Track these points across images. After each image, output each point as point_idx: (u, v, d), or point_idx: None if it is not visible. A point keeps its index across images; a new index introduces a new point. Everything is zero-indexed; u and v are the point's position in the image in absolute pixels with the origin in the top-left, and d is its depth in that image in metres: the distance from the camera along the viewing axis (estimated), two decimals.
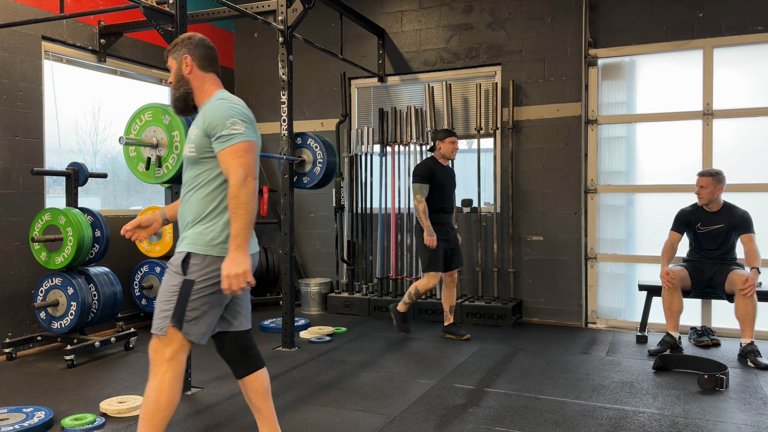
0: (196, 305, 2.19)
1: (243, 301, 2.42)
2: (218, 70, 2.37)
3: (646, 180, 5.27)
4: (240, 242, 2.10)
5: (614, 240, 5.35)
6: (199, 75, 2.31)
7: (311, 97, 6.40)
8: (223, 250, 2.17)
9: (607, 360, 4.18)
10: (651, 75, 5.24)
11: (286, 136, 4.47)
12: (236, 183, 2.09)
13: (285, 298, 4.49)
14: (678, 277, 4.30)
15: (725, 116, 4.94)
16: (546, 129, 5.45)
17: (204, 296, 2.19)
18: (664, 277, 4.29)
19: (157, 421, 2.18)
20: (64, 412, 3.12)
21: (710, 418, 3.04)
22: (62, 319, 4.18)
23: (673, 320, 4.31)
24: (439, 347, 4.52)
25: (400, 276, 5.92)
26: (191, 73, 2.31)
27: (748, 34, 4.82)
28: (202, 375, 3.81)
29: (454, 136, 4.73)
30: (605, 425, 2.96)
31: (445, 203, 4.71)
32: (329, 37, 6.10)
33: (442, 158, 4.75)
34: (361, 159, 6.09)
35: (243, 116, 2.18)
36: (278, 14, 4.43)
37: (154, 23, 3.42)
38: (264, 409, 2.40)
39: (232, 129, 2.13)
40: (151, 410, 2.18)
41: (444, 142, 4.70)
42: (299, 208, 6.38)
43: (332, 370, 3.92)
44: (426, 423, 2.99)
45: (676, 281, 4.28)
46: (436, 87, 5.86)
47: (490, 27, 5.66)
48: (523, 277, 5.56)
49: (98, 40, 5.03)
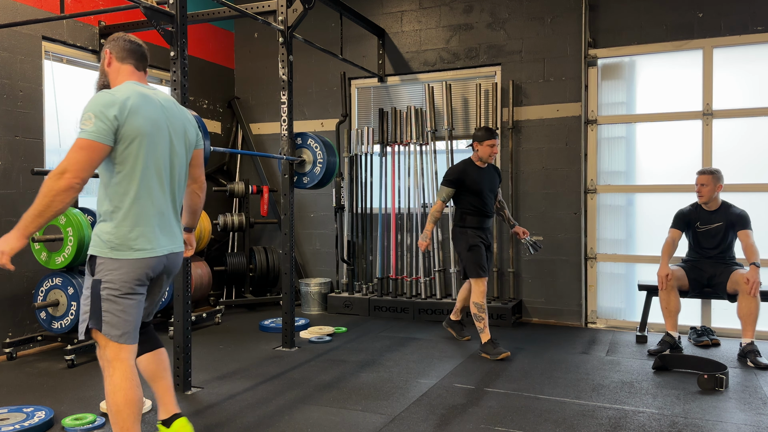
0: (107, 306, 2.17)
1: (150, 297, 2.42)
2: (137, 63, 2.39)
3: (645, 180, 5.27)
4: (21, 225, 2.11)
5: (614, 240, 5.35)
6: (116, 67, 2.37)
7: (311, 97, 6.40)
8: (120, 253, 2.17)
9: (606, 360, 4.18)
10: (651, 75, 5.25)
11: (286, 136, 4.47)
12: (53, 173, 2.07)
13: (285, 298, 4.49)
14: (674, 276, 4.32)
15: (725, 116, 4.94)
16: (546, 129, 5.45)
17: (114, 296, 2.18)
18: (663, 278, 4.29)
19: (123, 420, 2.18)
20: (65, 411, 3.13)
21: (710, 418, 3.05)
22: (62, 319, 4.18)
23: (671, 320, 4.32)
24: (439, 347, 4.53)
25: (400, 276, 5.93)
26: (110, 66, 2.39)
27: (748, 34, 4.82)
28: (202, 375, 3.81)
29: (494, 138, 4.32)
30: (605, 425, 2.96)
31: (483, 207, 4.36)
32: (329, 37, 6.10)
33: (479, 160, 4.39)
34: (361, 159, 6.09)
35: (99, 112, 2.11)
36: (278, 14, 4.43)
37: (154, 23, 3.42)
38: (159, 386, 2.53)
39: (82, 124, 2.12)
40: (113, 413, 2.19)
41: (482, 144, 4.31)
42: (299, 208, 6.38)
43: (332, 370, 3.92)
44: (426, 423, 3.00)
45: (672, 281, 4.29)
46: (436, 87, 5.86)
47: (490, 27, 5.66)
48: (523, 277, 5.56)
49: (98, 40, 5.03)
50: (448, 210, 5.75)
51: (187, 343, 3.46)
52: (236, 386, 3.59)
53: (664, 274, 4.29)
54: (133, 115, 2.17)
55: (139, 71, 2.40)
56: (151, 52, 4.95)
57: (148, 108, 2.24)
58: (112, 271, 2.17)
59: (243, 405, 3.25)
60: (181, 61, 3.43)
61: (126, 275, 2.18)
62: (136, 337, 2.27)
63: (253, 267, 6.10)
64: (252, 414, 3.13)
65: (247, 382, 3.68)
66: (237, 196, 6.17)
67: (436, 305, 5.54)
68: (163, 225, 2.30)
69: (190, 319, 3.55)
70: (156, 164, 2.26)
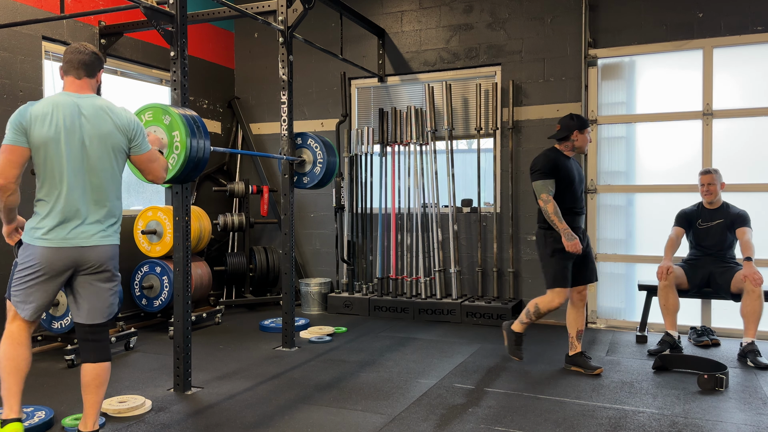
0: (14, 282, 2.58)
1: (84, 298, 2.61)
2: (77, 72, 2.60)
3: (645, 180, 5.27)
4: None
5: (614, 240, 5.35)
6: (64, 81, 2.64)
7: (311, 97, 6.40)
8: (33, 239, 2.51)
9: (606, 360, 4.18)
10: (651, 75, 5.25)
11: (286, 136, 4.47)
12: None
13: (285, 297, 4.49)
14: (673, 275, 4.34)
15: (725, 116, 4.94)
16: (546, 129, 5.44)
17: (19, 276, 2.54)
18: (663, 270, 4.31)
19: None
20: (65, 411, 3.13)
21: (710, 418, 3.05)
22: (62, 319, 4.18)
23: (670, 318, 4.32)
24: (439, 347, 4.52)
25: (400, 276, 5.93)
26: (62, 80, 2.66)
27: (748, 34, 4.82)
28: (202, 375, 3.81)
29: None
30: (605, 425, 2.96)
31: (574, 203, 3.85)
32: (329, 37, 6.10)
33: (570, 150, 3.90)
34: (361, 159, 6.09)
35: (13, 121, 2.47)
36: (278, 14, 4.43)
37: (154, 23, 3.42)
38: (85, 399, 2.60)
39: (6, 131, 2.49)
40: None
41: (583, 132, 3.85)
42: (299, 208, 6.38)
43: (332, 370, 3.92)
44: (426, 423, 3.00)
45: (671, 277, 4.32)
46: (436, 87, 5.86)
47: (490, 27, 5.66)
48: (523, 277, 5.56)
49: (98, 40, 5.03)
50: (447, 210, 5.75)
51: (187, 343, 3.46)
52: (236, 386, 3.59)
53: (666, 267, 4.32)
54: (36, 123, 2.47)
55: (80, 79, 2.62)
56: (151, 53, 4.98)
57: (56, 115, 2.49)
58: (24, 252, 2.55)
59: (243, 405, 3.26)
60: (181, 61, 3.43)
61: (32, 259, 2.51)
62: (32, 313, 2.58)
63: (253, 267, 6.10)
64: (252, 414, 3.13)
65: (247, 382, 3.68)
66: (237, 196, 6.17)
67: (436, 305, 5.54)
68: (71, 220, 2.53)
69: (190, 319, 3.55)
70: (60, 166, 2.51)
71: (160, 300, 4.99)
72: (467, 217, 5.76)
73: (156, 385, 3.61)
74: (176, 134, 3.16)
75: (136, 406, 3.15)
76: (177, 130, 3.16)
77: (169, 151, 3.18)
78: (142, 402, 3.20)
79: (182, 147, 3.13)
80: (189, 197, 3.53)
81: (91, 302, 2.60)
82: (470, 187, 5.80)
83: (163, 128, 3.19)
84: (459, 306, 5.43)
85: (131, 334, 4.48)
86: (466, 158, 5.99)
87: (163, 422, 3.01)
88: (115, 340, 4.32)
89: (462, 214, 5.77)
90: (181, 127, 3.15)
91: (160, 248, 5.02)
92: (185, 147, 3.12)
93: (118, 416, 3.09)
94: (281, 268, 4.62)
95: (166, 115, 3.18)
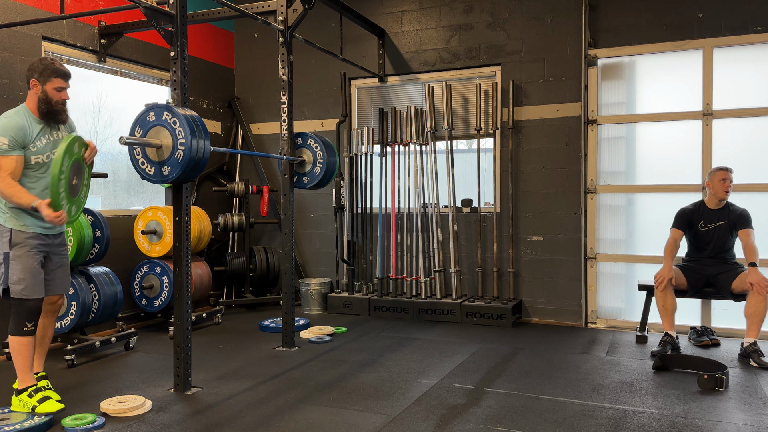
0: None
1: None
2: (30, 86, 3.06)
3: (645, 180, 5.27)
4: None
5: (614, 240, 5.35)
6: None
7: (311, 97, 6.40)
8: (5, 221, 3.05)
9: (606, 360, 4.18)
10: (651, 75, 5.25)
11: (286, 136, 4.47)
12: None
13: (285, 298, 4.50)
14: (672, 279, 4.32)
15: (725, 116, 4.94)
16: (546, 129, 5.45)
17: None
18: (665, 278, 4.27)
19: None
20: (65, 412, 3.12)
21: (710, 418, 3.05)
22: (62, 318, 4.18)
23: (668, 318, 4.32)
24: (439, 347, 4.53)
25: (400, 276, 5.93)
26: None
27: (748, 34, 4.82)
28: (202, 375, 3.81)
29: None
30: (605, 425, 2.96)
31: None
32: (329, 37, 6.10)
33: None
34: (361, 159, 6.09)
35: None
36: (278, 14, 4.43)
37: (154, 23, 3.42)
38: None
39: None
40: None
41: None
42: (299, 208, 6.39)
43: (332, 370, 3.92)
44: (426, 423, 3.00)
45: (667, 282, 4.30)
46: (436, 87, 5.86)
47: (490, 27, 5.66)
48: (523, 277, 5.56)
49: (98, 40, 5.03)
50: (447, 210, 5.76)
51: (187, 343, 3.46)
52: (236, 386, 3.59)
53: (668, 277, 4.27)
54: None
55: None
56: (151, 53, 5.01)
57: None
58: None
59: (243, 405, 3.26)
60: (181, 61, 3.43)
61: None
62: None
63: (253, 267, 6.10)
64: (252, 414, 3.13)
65: (247, 382, 3.68)
66: (237, 196, 6.18)
67: (436, 305, 5.54)
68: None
69: (190, 319, 3.55)
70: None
71: (160, 300, 4.99)
72: (467, 217, 5.76)
73: (156, 385, 3.61)
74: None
75: (136, 406, 3.14)
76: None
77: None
78: (142, 402, 3.20)
79: (183, 147, 3.13)
80: (189, 197, 3.53)
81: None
82: (470, 187, 5.80)
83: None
84: (459, 306, 5.43)
85: (131, 334, 4.48)
86: (466, 158, 5.99)
87: (163, 422, 3.01)
88: (115, 340, 4.32)
89: (462, 214, 5.77)
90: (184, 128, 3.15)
91: (160, 248, 5.02)
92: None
93: (118, 416, 3.09)
94: (281, 268, 4.62)
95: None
